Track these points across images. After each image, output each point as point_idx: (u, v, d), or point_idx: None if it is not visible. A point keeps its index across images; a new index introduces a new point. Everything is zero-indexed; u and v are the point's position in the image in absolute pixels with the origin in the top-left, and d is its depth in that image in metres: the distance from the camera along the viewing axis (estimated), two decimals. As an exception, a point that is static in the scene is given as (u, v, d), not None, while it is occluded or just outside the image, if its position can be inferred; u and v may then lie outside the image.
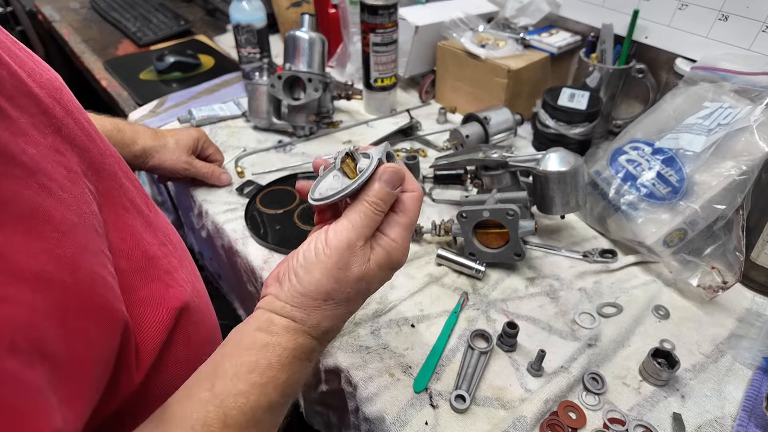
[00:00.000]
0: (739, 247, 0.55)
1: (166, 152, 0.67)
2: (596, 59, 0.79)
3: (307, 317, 0.33)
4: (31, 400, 0.21)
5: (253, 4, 0.92)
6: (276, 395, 0.31)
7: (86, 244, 0.27)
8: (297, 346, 0.32)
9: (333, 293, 0.33)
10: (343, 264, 0.33)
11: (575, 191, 0.59)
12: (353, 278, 0.34)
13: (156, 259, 0.36)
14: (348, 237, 0.33)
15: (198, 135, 0.71)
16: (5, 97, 0.26)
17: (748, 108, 0.57)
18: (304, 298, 0.33)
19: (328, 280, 0.33)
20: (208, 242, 0.78)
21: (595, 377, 0.49)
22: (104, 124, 0.61)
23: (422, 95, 0.97)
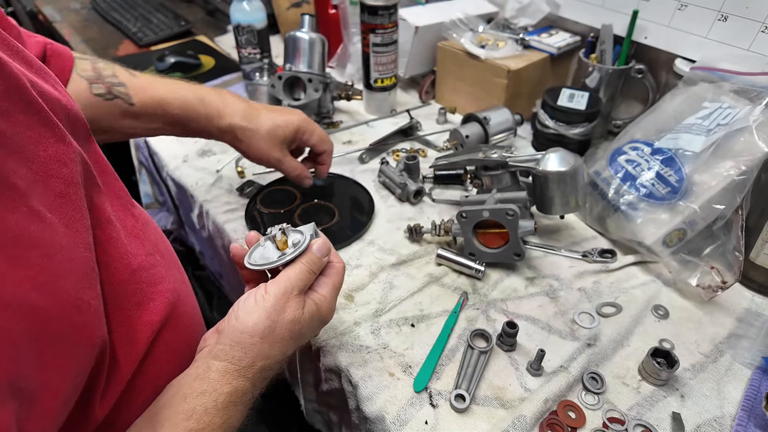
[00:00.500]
0: (739, 247, 0.55)
1: (256, 140, 0.57)
2: (596, 60, 0.79)
3: (245, 356, 0.36)
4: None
5: (253, 4, 0.92)
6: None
7: (72, 268, 0.27)
8: (232, 391, 0.35)
9: (269, 333, 0.37)
10: (280, 308, 0.38)
11: (575, 191, 0.59)
12: (288, 321, 0.38)
13: (140, 272, 0.37)
14: (285, 286, 0.39)
15: (298, 123, 0.59)
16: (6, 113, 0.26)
17: (748, 108, 0.57)
18: (243, 336, 0.37)
19: (265, 320, 0.37)
20: (208, 242, 0.78)
21: (595, 377, 0.49)
22: (186, 95, 0.55)
23: (422, 95, 0.97)
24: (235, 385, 0.35)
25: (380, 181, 0.75)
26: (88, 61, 0.52)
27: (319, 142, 0.62)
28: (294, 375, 0.61)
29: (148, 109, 0.53)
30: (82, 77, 0.50)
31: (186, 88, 0.56)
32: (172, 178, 0.81)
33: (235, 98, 0.58)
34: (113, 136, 0.55)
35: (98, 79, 0.51)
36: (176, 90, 0.55)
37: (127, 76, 0.54)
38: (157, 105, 0.54)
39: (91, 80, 0.50)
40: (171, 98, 0.54)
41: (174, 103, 0.54)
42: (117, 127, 0.54)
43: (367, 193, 0.72)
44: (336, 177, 0.76)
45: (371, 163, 0.80)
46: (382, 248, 0.64)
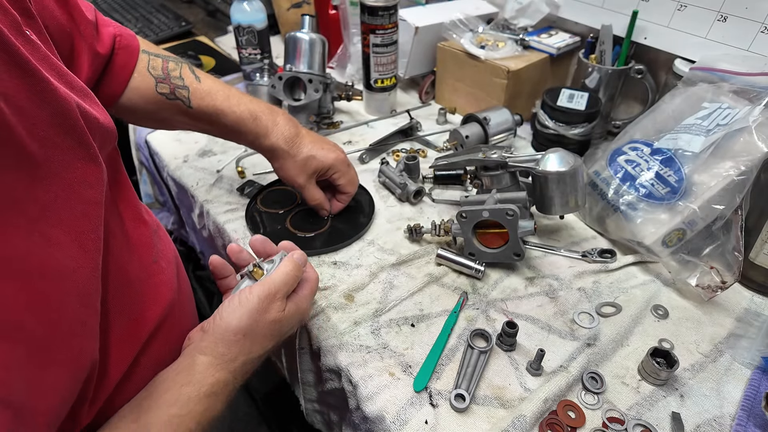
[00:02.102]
0: (738, 247, 0.55)
1: (290, 163, 0.60)
2: (595, 60, 0.79)
3: (228, 351, 0.39)
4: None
5: (253, 5, 0.93)
6: (193, 425, 0.36)
7: (75, 290, 0.29)
8: (214, 382, 0.38)
9: (250, 332, 0.40)
10: (263, 308, 0.41)
11: (574, 191, 0.59)
12: (269, 321, 0.41)
13: (138, 283, 0.39)
14: (269, 289, 0.42)
15: (333, 162, 0.62)
16: (37, 139, 0.28)
17: (747, 108, 0.57)
18: (226, 333, 0.40)
19: (247, 320, 0.40)
20: (209, 242, 0.78)
21: (594, 376, 0.49)
22: (242, 111, 0.58)
23: (422, 96, 0.97)
24: (218, 377, 0.38)
25: (380, 181, 0.76)
26: (160, 59, 0.56)
27: (346, 184, 0.64)
28: (294, 375, 0.61)
29: (204, 116, 0.57)
30: (152, 75, 0.54)
31: (243, 103, 0.59)
32: (173, 178, 0.81)
33: (288, 122, 0.61)
34: (168, 126, 0.60)
35: (165, 80, 0.55)
36: (234, 104, 0.58)
37: (192, 80, 0.57)
38: (212, 113, 0.57)
39: (159, 79, 0.54)
40: (227, 111, 0.58)
41: (229, 116, 0.58)
42: (173, 121, 0.59)
43: (367, 193, 0.72)
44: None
45: (371, 163, 0.81)
46: (382, 248, 0.64)
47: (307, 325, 0.54)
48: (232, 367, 0.39)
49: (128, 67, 0.53)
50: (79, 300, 0.29)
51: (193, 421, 0.36)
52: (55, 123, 0.29)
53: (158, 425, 0.34)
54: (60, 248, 0.28)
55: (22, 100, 0.28)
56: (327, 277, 0.59)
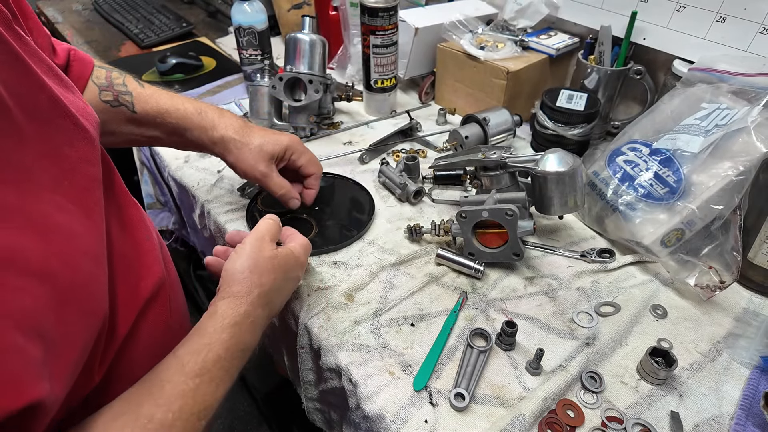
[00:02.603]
0: (737, 247, 0.55)
1: (245, 153, 0.59)
2: (594, 61, 0.80)
3: (241, 287, 0.44)
4: (30, 369, 0.25)
5: (254, 6, 0.93)
6: (222, 351, 0.40)
7: (87, 250, 0.32)
8: (234, 314, 0.42)
9: (254, 267, 0.46)
10: (257, 249, 0.47)
11: (573, 192, 0.59)
12: (266, 257, 0.47)
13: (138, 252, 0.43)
14: (256, 234, 0.49)
15: (288, 143, 0.61)
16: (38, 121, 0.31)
17: (746, 109, 0.57)
18: (234, 275, 0.45)
19: (247, 260, 0.46)
20: (210, 242, 0.78)
21: (594, 376, 0.49)
22: (187, 107, 0.58)
23: (422, 96, 0.97)
24: (237, 309, 0.42)
25: (380, 181, 0.76)
26: (104, 69, 0.56)
27: (307, 163, 0.63)
28: (295, 374, 0.62)
29: (149, 118, 0.57)
30: (95, 84, 0.54)
31: (188, 102, 0.59)
32: (174, 179, 0.81)
33: (234, 116, 0.61)
34: (116, 140, 0.59)
35: (108, 87, 0.55)
36: (178, 103, 0.58)
37: (135, 86, 0.57)
38: (157, 114, 0.57)
39: (102, 87, 0.55)
40: (171, 109, 0.58)
41: (173, 114, 0.58)
42: (119, 132, 0.57)
43: (367, 193, 0.72)
44: (336, 177, 0.76)
45: (371, 164, 0.81)
46: (382, 248, 0.64)
47: (307, 325, 0.55)
48: (249, 299, 0.44)
49: (83, 77, 0.53)
50: (90, 258, 0.32)
51: (222, 347, 0.39)
52: (51, 107, 0.33)
53: (191, 353, 0.38)
54: (70, 215, 0.32)
55: (19, 86, 0.30)
56: (327, 277, 0.60)
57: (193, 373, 0.37)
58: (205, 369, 0.38)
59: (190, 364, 0.37)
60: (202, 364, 0.38)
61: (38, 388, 0.25)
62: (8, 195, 0.28)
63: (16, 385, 0.24)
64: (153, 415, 0.34)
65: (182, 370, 0.37)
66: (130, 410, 0.34)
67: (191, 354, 0.38)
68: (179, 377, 0.36)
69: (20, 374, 0.25)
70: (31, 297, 0.26)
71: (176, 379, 0.36)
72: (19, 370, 0.25)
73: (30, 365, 0.25)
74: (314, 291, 0.58)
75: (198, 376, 0.37)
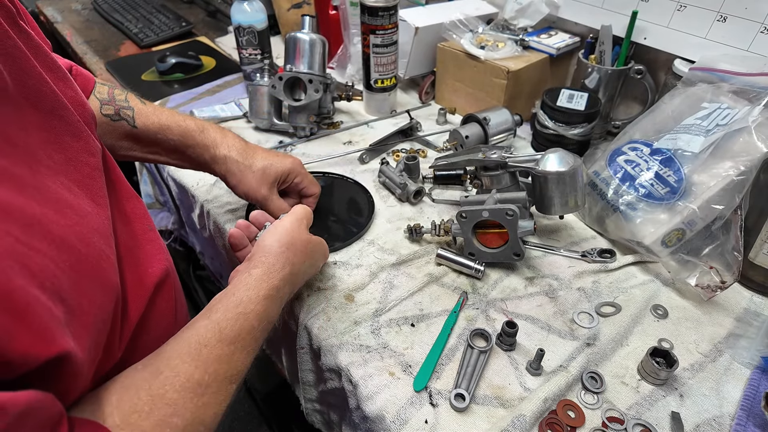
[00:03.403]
0: (737, 247, 0.55)
1: (247, 176, 0.58)
2: (595, 60, 0.79)
3: (276, 261, 0.46)
4: (56, 323, 0.26)
5: (254, 5, 0.93)
6: (256, 322, 0.41)
7: (97, 228, 0.34)
8: (269, 287, 0.44)
9: (291, 245, 0.48)
10: (295, 228, 0.49)
11: (574, 192, 0.59)
12: (303, 239, 0.50)
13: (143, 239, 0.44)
14: (296, 215, 0.51)
15: (292, 166, 0.61)
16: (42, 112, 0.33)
17: (747, 109, 0.57)
18: (272, 248, 0.47)
19: (286, 236, 0.48)
20: (209, 242, 0.78)
21: (594, 376, 0.49)
22: (188, 124, 0.58)
23: (422, 96, 0.97)
24: (271, 283, 0.44)
25: (380, 181, 0.76)
26: (106, 86, 0.57)
27: (309, 185, 0.64)
28: (294, 374, 0.61)
29: (149, 133, 0.56)
30: (97, 98, 0.55)
31: (190, 120, 0.59)
32: (173, 179, 0.81)
33: (236, 136, 0.61)
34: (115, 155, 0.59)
35: (110, 102, 0.55)
36: (179, 120, 0.58)
37: (137, 102, 0.58)
38: (158, 129, 0.57)
39: (103, 102, 0.55)
40: (173, 125, 0.57)
41: (175, 129, 0.57)
42: (117, 147, 0.57)
43: (367, 193, 0.72)
44: (336, 177, 0.76)
45: (371, 164, 0.81)
46: (382, 248, 0.64)
47: (307, 325, 0.55)
48: (282, 275, 0.45)
49: (85, 91, 0.54)
50: (100, 237, 0.33)
51: (256, 318, 0.41)
52: (52, 100, 0.34)
53: (228, 320, 0.39)
54: (78, 197, 0.33)
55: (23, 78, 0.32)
56: (327, 277, 0.59)
57: (228, 339, 0.38)
58: (240, 337, 0.39)
59: (226, 330, 0.39)
60: (238, 332, 0.39)
61: (66, 342, 0.26)
62: (23, 172, 0.29)
63: (46, 334, 0.25)
64: (191, 375, 0.35)
65: (219, 335, 0.38)
66: (168, 368, 0.35)
67: (228, 321, 0.39)
68: (216, 342, 0.38)
69: (50, 325, 0.25)
70: (52, 262, 0.27)
71: (213, 343, 0.37)
72: (48, 322, 0.25)
73: (56, 320, 0.26)
74: (314, 291, 0.58)
75: (233, 342, 0.39)
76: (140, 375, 0.34)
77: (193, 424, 0.34)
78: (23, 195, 0.28)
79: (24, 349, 0.24)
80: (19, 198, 0.27)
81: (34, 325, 0.24)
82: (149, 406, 0.32)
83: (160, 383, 0.34)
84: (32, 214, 0.27)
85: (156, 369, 0.35)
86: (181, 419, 0.33)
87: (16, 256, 0.25)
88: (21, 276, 0.25)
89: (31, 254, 0.26)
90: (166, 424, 0.32)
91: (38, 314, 0.25)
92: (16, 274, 0.24)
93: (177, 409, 0.33)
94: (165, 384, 0.34)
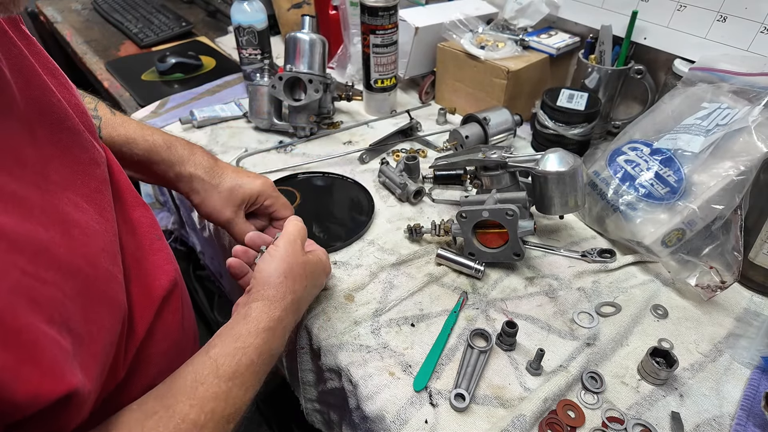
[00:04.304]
0: (737, 246, 0.55)
1: (213, 198, 0.55)
2: (595, 60, 0.79)
3: (276, 292, 0.44)
4: (65, 358, 0.26)
5: (254, 5, 0.93)
6: (255, 356, 0.40)
7: (105, 247, 0.33)
8: (269, 318, 0.43)
9: (289, 271, 0.46)
10: (291, 252, 0.47)
11: (574, 192, 0.59)
12: (300, 262, 0.48)
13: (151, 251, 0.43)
14: (289, 237, 0.49)
15: (262, 188, 0.57)
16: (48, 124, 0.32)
17: (747, 108, 0.57)
18: (270, 279, 0.45)
19: (283, 263, 0.46)
20: (209, 242, 0.78)
21: (594, 376, 0.49)
22: (156, 139, 0.55)
23: (422, 96, 0.97)
24: (271, 315, 0.43)
25: (380, 181, 0.76)
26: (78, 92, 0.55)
27: (281, 208, 0.60)
28: (294, 375, 0.61)
29: (115, 145, 0.53)
30: None
31: (158, 134, 0.56)
32: (173, 179, 0.81)
33: (206, 153, 0.58)
34: None
35: None
36: (147, 133, 0.55)
37: (106, 112, 0.55)
38: (123, 142, 0.54)
39: None
40: (140, 139, 0.54)
41: (140, 144, 0.54)
42: None
43: (367, 193, 0.72)
44: (336, 177, 0.76)
45: (371, 164, 0.81)
46: (382, 248, 0.64)
47: (307, 325, 0.55)
48: (283, 305, 0.44)
49: None
50: (107, 255, 0.33)
51: (255, 352, 0.40)
52: (57, 110, 0.33)
53: (225, 356, 0.38)
54: (86, 213, 0.32)
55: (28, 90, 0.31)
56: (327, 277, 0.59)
57: (226, 376, 0.37)
58: (239, 373, 0.38)
59: (224, 366, 0.38)
60: (236, 368, 0.38)
61: (74, 378, 0.26)
62: (31, 193, 0.28)
63: (55, 372, 0.24)
64: (186, 415, 0.34)
65: (216, 372, 0.37)
66: (162, 408, 0.34)
67: (225, 356, 0.38)
68: (213, 379, 0.36)
69: (58, 361, 0.25)
70: (60, 291, 0.27)
71: (210, 380, 0.36)
72: (57, 357, 0.25)
73: (65, 354, 0.26)
74: (314, 291, 0.58)
75: (231, 379, 0.37)
76: (134, 416, 0.33)
77: None
78: (30, 221, 0.27)
79: (32, 389, 0.23)
80: (26, 224, 0.26)
81: (44, 364, 0.24)
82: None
83: (154, 424, 0.32)
84: (39, 240, 0.27)
85: (150, 409, 0.34)
86: None
87: (23, 290, 0.24)
88: (28, 311, 0.24)
89: (38, 286, 0.25)
90: None
91: (47, 351, 0.24)
92: (23, 309, 0.24)
93: None
94: (158, 425, 0.32)
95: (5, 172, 0.27)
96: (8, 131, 0.28)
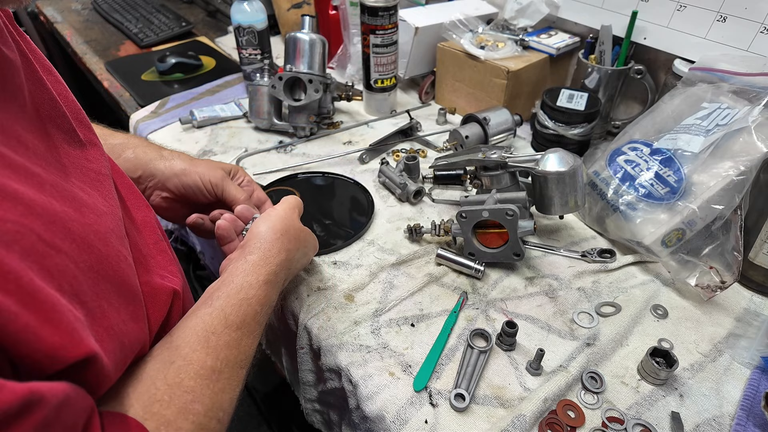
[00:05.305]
0: (737, 247, 0.55)
1: (200, 167, 0.56)
2: (595, 60, 0.79)
3: (271, 247, 0.46)
4: (80, 324, 0.26)
5: (254, 5, 0.93)
6: (258, 307, 0.42)
7: (113, 228, 0.33)
8: (269, 272, 0.44)
9: (285, 231, 0.48)
10: (289, 215, 0.50)
11: (574, 192, 0.59)
12: (297, 226, 0.50)
13: (155, 249, 0.43)
14: (289, 203, 0.52)
15: (233, 166, 0.60)
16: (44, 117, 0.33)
17: (746, 109, 0.57)
18: (267, 234, 0.47)
19: (281, 222, 0.48)
20: (209, 242, 0.78)
21: (594, 376, 0.49)
22: (147, 150, 0.55)
23: (422, 96, 0.97)
24: (269, 269, 0.45)
25: (380, 181, 0.76)
26: None
27: (248, 182, 0.60)
28: (294, 375, 0.61)
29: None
30: None
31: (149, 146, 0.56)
32: (173, 179, 0.81)
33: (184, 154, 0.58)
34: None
35: None
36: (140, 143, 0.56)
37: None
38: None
39: None
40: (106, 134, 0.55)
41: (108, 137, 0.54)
42: None
43: (367, 193, 0.72)
44: (336, 177, 0.76)
45: (371, 164, 0.81)
46: (382, 248, 0.64)
47: (307, 325, 0.55)
48: (278, 260, 0.46)
49: None
50: (116, 237, 0.33)
51: (258, 303, 0.42)
52: (52, 106, 0.34)
53: (231, 307, 0.40)
54: (92, 197, 0.33)
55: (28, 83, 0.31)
56: (327, 277, 0.59)
57: (235, 325, 0.39)
58: (245, 322, 0.40)
59: (231, 316, 0.39)
60: (243, 318, 0.40)
61: (92, 344, 0.26)
62: (41, 172, 0.28)
63: (73, 335, 0.25)
64: (204, 362, 0.35)
65: (225, 321, 0.39)
66: (179, 358, 0.35)
67: (232, 307, 0.40)
68: (223, 329, 0.38)
69: (76, 327, 0.25)
70: (72, 263, 0.27)
71: (220, 330, 0.38)
72: (74, 324, 0.25)
73: (79, 322, 0.26)
74: (314, 291, 0.58)
75: (239, 328, 0.39)
76: (152, 366, 0.34)
77: (213, 410, 0.34)
78: (44, 193, 0.27)
79: (51, 349, 0.23)
80: (41, 195, 0.27)
81: (62, 326, 0.24)
82: (168, 395, 0.32)
83: (175, 372, 0.34)
84: (54, 211, 0.27)
85: (167, 358, 0.35)
86: (202, 405, 0.33)
87: (36, 256, 0.24)
88: (39, 278, 0.24)
89: (52, 254, 0.25)
90: (188, 411, 0.32)
91: (64, 315, 0.24)
92: (35, 274, 0.24)
93: (196, 395, 0.34)
94: (180, 372, 0.34)
95: (16, 153, 0.27)
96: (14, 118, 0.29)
